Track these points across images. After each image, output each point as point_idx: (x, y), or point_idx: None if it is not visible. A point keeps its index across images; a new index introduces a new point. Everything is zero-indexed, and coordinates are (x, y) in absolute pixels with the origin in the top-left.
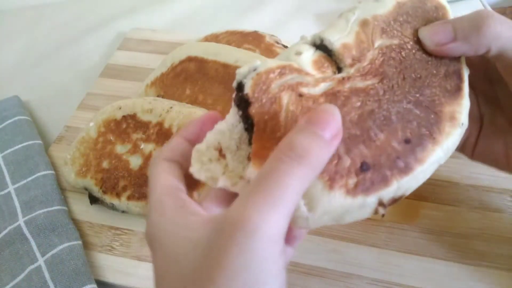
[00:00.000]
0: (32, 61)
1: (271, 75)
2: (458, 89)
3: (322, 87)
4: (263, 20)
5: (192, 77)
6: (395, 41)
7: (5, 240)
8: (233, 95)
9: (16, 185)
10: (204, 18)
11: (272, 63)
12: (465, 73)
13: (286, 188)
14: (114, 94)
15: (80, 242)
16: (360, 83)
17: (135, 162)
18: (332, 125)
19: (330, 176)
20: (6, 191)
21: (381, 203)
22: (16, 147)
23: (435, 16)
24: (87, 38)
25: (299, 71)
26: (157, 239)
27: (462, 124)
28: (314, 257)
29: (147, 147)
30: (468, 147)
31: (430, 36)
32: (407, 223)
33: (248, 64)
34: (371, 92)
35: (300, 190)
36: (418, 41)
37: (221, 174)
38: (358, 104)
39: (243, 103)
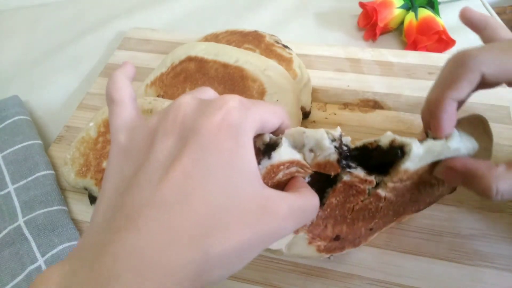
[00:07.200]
0: (32, 61)
1: (281, 167)
2: (423, 208)
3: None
4: (263, 20)
5: (192, 77)
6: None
7: (5, 240)
8: None
9: (16, 185)
10: (204, 18)
11: (285, 156)
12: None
13: None
14: None
15: None
16: (383, 193)
17: None
18: None
19: (313, 236)
20: (6, 191)
21: (329, 256)
22: (16, 147)
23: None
24: (87, 38)
25: (303, 165)
26: None
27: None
28: None
29: None
30: None
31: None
32: (407, 222)
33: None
34: (381, 199)
35: None
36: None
37: None
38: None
39: None
